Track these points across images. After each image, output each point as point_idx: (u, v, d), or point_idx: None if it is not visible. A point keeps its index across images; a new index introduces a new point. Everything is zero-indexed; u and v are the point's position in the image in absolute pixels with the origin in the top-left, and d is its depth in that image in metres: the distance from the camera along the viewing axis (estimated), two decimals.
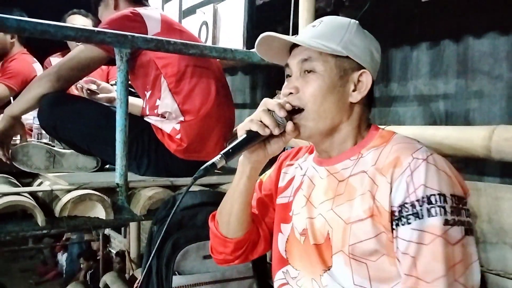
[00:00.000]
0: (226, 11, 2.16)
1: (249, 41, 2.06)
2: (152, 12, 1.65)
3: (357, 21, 0.94)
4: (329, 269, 0.87)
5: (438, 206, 0.76)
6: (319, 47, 0.87)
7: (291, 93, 0.90)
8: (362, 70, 0.90)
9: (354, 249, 0.82)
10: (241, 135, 0.87)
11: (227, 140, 1.78)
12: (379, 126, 0.96)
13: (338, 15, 2.07)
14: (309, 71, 0.89)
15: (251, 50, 1.90)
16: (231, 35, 2.13)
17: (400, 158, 0.81)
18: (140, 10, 1.62)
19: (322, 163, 0.96)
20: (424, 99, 1.97)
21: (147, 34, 1.55)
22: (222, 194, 1.45)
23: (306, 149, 1.07)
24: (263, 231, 1.07)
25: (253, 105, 2.97)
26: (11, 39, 2.89)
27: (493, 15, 1.68)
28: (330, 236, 0.87)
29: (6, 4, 2.57)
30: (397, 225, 0.79)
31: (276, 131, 0.86)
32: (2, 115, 2.15)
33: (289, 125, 0.87)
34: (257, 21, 2.11)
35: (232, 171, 0.96)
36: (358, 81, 0.90)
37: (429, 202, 0.77)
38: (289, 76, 0.94)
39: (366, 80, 0.90)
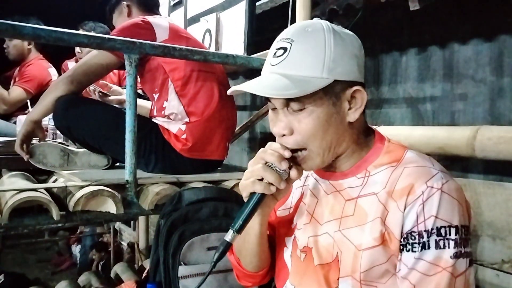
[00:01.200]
0: (228, 20, 2.16)
1: (250, 47, 2.06)
2: (161, 21, 1.65)
3: (330, 25, 0.78)
4: None
5: (447, 239, 0.70)
6: (298, 92, 0.71)
7: (284, 134, 0.77)
8: (354, 88, 0.76)
9: (366, 276, 0.75)
10: (245, 196, 0.78)
11: (229, 140, 1.77)
12: (384, 136, 0.85)
13: (332, 24, 2.07)
14: (297, 110, 0.75)
15: (251, 56, 1.90)
16: (233, 42, 2.13)
17: (414, 186, 0.73)
18: (150, 18, 1.62)
19: (325, 176, 0.86)
20: (413, 101, 1.97)
21: (155, 41, 1.54)
22: (225, 190, 1.46)
23: None
24: (277, 246, 0.99)
25: (253, 107, 2.97)
26: (28, 45, 2.89)
27: (476, 23, 1.68)
28: (339, 259, 0.78)
29: (24, 14, 2.57)
30: (402, 250, 0.73)
31: (281, 186, 0.76)
32: (18, 118, 2.16)
33: (293, 173, 0.77)
34: (257, 29, 2.11)
35: (234, 169, 0.95)
36: (352, 97, 0.77)
37: (439, 234, 0.70)
38: (274, 109, 0.80)
39: (360, 96, 0.77)
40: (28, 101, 2.70)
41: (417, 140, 1.48)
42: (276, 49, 0.78)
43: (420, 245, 0.71)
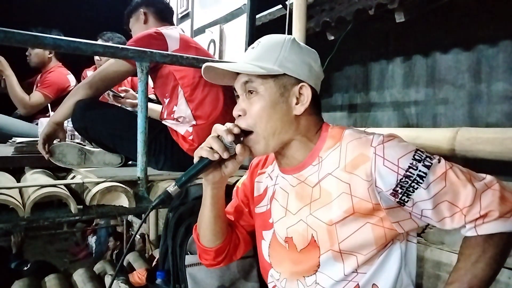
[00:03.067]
0: (231, 31, 2.16)
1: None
2: (172, 32, 1.63)
3: (292, 37, 0.86)
4: (316, 271, 0.83)
5: (426, 157, 0.75)
6: (254, 70, 0.80)
7: (240, 115, 0.84)
8: (301, 84, 0.82)
9: (344, 246, 0.78)
10: (195, 160, 0.82)
11: None
12: (329, 124, 0.88)
13: (325, 34, 2.07)
14: (251, 92, 0.82)
15: None
16: (235, 51, 2.13)
17: (363, 153, 0.76)
18: (163, 30, 1.61)
19: (289, 172, 0.88)
20: (398, 105, 1.97)
21: (167, 51, 1.53)
22: (227, 186, 1.45)
23: (274, 157, 0.96)
24: (241, 234, 1.01)
25: None
26: (49, 54, 2.88)
27: (457, 33, 1.69)
28: (316, 239, 0.81)
29: (47, 26, 2.58)
30: (408, 196, 0.74)
31: (225, 155, 0.80)
32: (40, 120, 2.16)
33: (238, 148, 0.80)
34: (257, 39, 2.11)
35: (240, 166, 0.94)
36: (300, 94, 0.82)
37: (418, 160, 0.74)
38: (237, 97, 0.87)
39: (306, 92, 0.82)
40: (49, 105, 2.69)
41: None
42: (249, 48, 0.88)
43: (417, 179, 0.74)
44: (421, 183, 0.73)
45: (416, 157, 0.75)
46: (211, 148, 0.80)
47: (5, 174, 1.54)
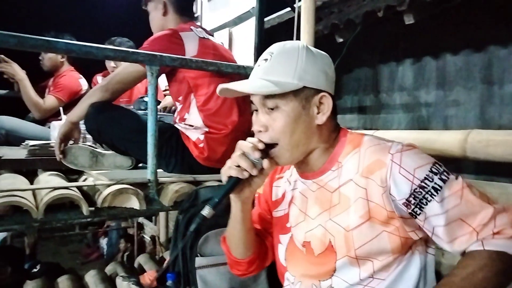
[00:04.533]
0: (239, 34, 2.17)
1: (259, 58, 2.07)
2: (192, 37, 1.58)
3: (305, 45, 0.84)
4: (332, 275, 0.82)
5: (442, 171, 0.74)
6: (273, 90, 0.78)
7: (260, 130, 0.83)
8: (321, 94, 0.82)
9: (360, 252, 0.78)
10: (224, 180, 0.82)
11: None
12: (348, 130, 0.89)
13: (334, 37, 2.07)
14: (272, 108, 0.81)
15: None
16: (244, 54, 2.14)
17: (380, 159, 0.76)
18: (183, 35, 1.56)
19: (308, 177, 0.89)
20: (408, 107, 1.95)
21: (184, 56, 1.51)
22: None
23: None
24: (269, 241, 1.01)
25: None
26: (61, 58, 2.92)
27: (467, 34, 1.67)
28: (333, 244, 0.81)
29: (59, 31, 2.62)
30: (420, 208, 0.73)
31: (254, 172, 0.80)
32: (52, 123, 2.18)
33: (265, 163, 0.80)
34: (265, 42, 2.12)
35: None
36: (320, 103, 0.82)
37: (435, 173, 0.73)
38: (256, 110, 0.85)
39: (327, 102, 0.82)
40: (61, 108, 2.73)
41: (413, 143, 1.47)
42: (260, 60, 0.86)
43: (432, 191, 0.73)
44: (435, 195, 0.73)
45: (433, 170, 0.74)
46: (238, 166, 0.80)
47: (19, 177, 1.56)
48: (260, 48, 2.06)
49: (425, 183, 0.73)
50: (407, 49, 1.95)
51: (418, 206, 0.74)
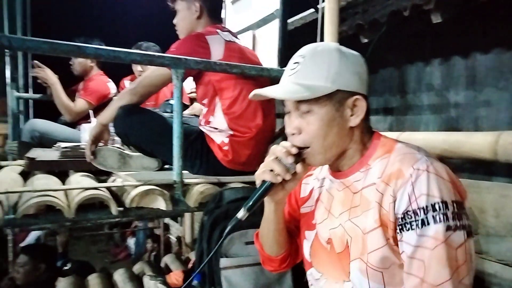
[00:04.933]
0: (263, 36, 2.18)
1: (283, 60, 2.07)
2: (218, 42, 1.59)
3: (337, 46, 0.84)
4: (349, 278, 0.82)
5: (442, 214, 0.70)
6: (307, 95, 0.78)
7: (293, 133, 0.83)
8: (355, 97, 0.81)
9: (372, 259, 0.77)
10: (258, 183, 0.83)
11: (267, 152, 1.75)
12: (381, 133, 0.88)
13: (359, 38, 2.04)
14: (305, 112, 0.81)
15: (284, 68, 1.90)
16: (267, 56, 2.14)
17: (402, 170, 0.75)
18: (210, 38, 1.58)
19: (337, 176, 0.89)
20: (437, 108, 1.91)
21: (210, 59, 1.52)
22: None
23: None
24: (299, 239, 1.02)
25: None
26: (91, 63, 3.01)
27: (498, 33, 1.61)
28: (349, 244, 0.82)
29: (89, 36, 2.71)
30: (401, 230, 0.74)
31: (287, 177, 0.81)
32: (82, 126, 2.26)
33: (299, 167, 0.82)
34: (289, 44, 2.12)
35: None
36: (354, 105, 0.81)
37: (434, 210, 0.71)
38: (288, 112, 0.86)
39: (361, 104, 0.82)
40: (91, 111, 2.82)
41: (441, 145, 1.43)
42: (292, 63, 0.85)
43: (419, 222, 0.72)
44: (419, 228, 0.72)
45: (436, 206, 0.71)
46: (272, 170, 0.81)
47: (52, 177, 1.63)
48: (283, 50, 2.06)
49: (419, 212, 0.72)
50: (435, 49, 1.90)
51: (400, 226, 0.74)
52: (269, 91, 0.83)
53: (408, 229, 0.73)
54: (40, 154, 1.97)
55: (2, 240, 3.21)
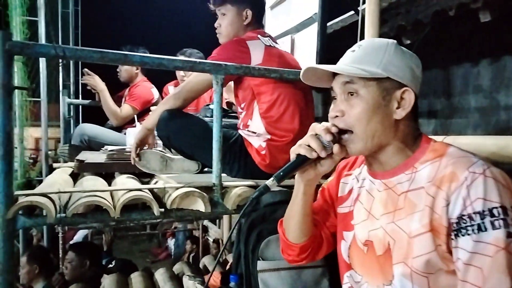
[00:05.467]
0: (302, 40, 2.17)
1: (321, 64, 2.05)
2: (258, 46, 1.61)
3: (395, 41, 0.84)
4: (391, 283, 0.80)
5: (501, 219, 0.67)
6: (358, 72, 0.79)
7: (337, 116, 0.83)
8: (404, 88, 0.81)
9: (417, 264, 0.75)
10: (292, 157, 0.83)
11: None
12: (431, 137, 0.86)
13: (401, 39, 1.99)
14: (352, 94, 0.81)
15: None
16: (306, 60, 2.13)
17: (456, 173, 0.73)
18: (250, 43, 1.60)
19: (377, 176, 0.87)
20: (485, 111, 1.81)
21: (250, 64, 1.55)
22: None
23: (362, 160, 0.96)
24: (325, 234, 1.01)
25: (325, 118, 2.93)
26: (136, 70, 3.15)
27: None
28: (391, 247, 0.80)
29: (134, 44, 2.84)
30: (456, 235, 0.71)
31: (323, 154, 0.81)
32: (128, 130, 2.36)
33: (336, 147, 0.81)
34: (328, 47, 2.10)
35: None
36: (401, 98, 0.81)
37: (492, 215, 0.68)
38: (334, 98, 0.86)
39: (409, 97, 0.81)
40: (135, 116, 2.94)
41: (490, 149, 1.36)
42: (348, 51, 0.87)
43: (475, 227, 0.69)
44: (475, 233, 0.69)
45: (494, 211, 0.68)
46: (309, 146, 0.81)
47: (99, 179, 1.71)
48: (322, 53, 2.05)
49: (475, 217, 0.69)
50: (483, 49, 1.82)
51: (455, 231, 0.71)
52: (321, 66, 0.84)
53: (464, 235, 0.70)
54: (88, 156, 2.08)
55: (53, 238, 3.42)
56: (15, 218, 1.16)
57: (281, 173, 0.81)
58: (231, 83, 1.81)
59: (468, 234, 0.69)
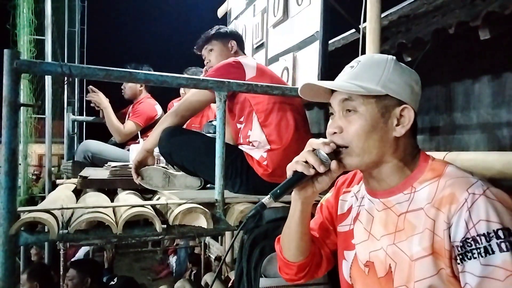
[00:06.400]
0: (303, 58, 2.20)
1: (323, 80, 2.06)
2: (249, 61, 1.76)
3: (394, 57, 0.84)
4: None
5: (508, 241, 0.66)
6: (356, 90, 0.78)
7: (335, 132, 0.82)
8: (403, 106, 0.80)
9: (418, 286, 0.73)
10: (289, 175, 0.81)
11: None
12: (429, 154, 0.85)
13: (402, 56, 2.01)
14: (350, 111, 0.80)
15: None
16: (308, 77, 2.16)
17: (455, 194, 0.71)
18: (241, 59, 1.74)
19: (376, 195, 0.86)
20: (487, 127, 1.82)
21: (245, 79, 1.65)
22: None
23: (361, 177, 0.94)
24: (325, 252, 0.99)
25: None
26: (140, 87, 3.20)
27: None
28: (392, 270, 0.78)
29: (139, 62, 2.89)
30: (462, 259, 0.69)
31: (321, 169, 0.78)
32: (131, 146, 2.38)
33: (334, 164, 0.79)
34: (329, 64, 2.12)
35: None
36: (401, 115, 0.80)
37: (498, 237, 0.66)
38: (332, 114, 0.85)
39: (408, 114, 0.80)
40: (139, 132, 2.96)
41: (493, 165, 1.35)
42: (347, 67, 0.86)
43: (481, 250, 0.67)
44: (482, 256, 0.67)
45: (500, 233, 0.67)
46: (306, 162, 0.79)
47: (102, 195, 1.71)
48: (324, 70, 2.07)
49: (480, 239, 0.68)
50: (484, 65, 1.83)
51: (461, 256, 0.69)
52: (320, 82, 0.83)
53: (470, 258, 0.68)
54: (91, 173, 2.09)
55: (55, 255, 3.39)
56: (18, 235, 1.16)
57: (278, 191, 0.79)
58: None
59: (475, 258, 0.68)
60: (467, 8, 1.74)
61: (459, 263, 0.70)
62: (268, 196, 0.79)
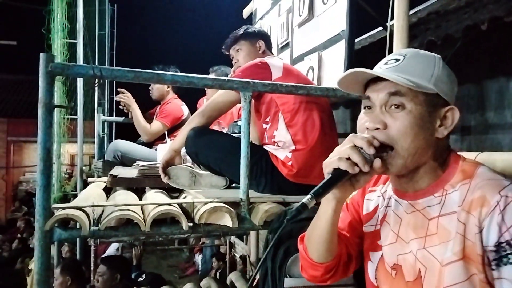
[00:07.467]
0: (329, 57, 2.18)
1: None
2: (276, 61, 1.75)
3: (440, 56, 0.81)
4: None
5: None
6: (412, 85, 0.73)
7: (377, 128, 0.76)
8: (449, 107, 0.77)
9: None
10: (328, 172, 0.75)
11: None
12: (460, 154, 0.81)
13: None
14: (397, 106, 0.75)
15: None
16: (333, 77, 2.13)
17: (486, 197, 0.69)
18: (268, 59, 1.74)
19: (405, 197, 0.82)
20: None
21: (271, 79, 1.65)
22: None
23: (387, 176, 0.90)
24: (354, 251, 0.94)
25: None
26: (167, 88, 3.26)
27: None
28: (422, 275, 0.75)
29: (166, 63, 2.96)
30: (497, 265, 0.66)
31: (366, 168, 0.73)
32: (158, 146, 2.43)
33: (377, 162, 0.74)
34: (356, 63, 2.09)
35: None
36: (444, 117, 0.77)
37: None
38: (368, 107, 0.80)
39: (452, 116, 0.77)
40: (166, 132, 3.02)
41: None
42: (390, 59, 0.81)
43: None
44: None
45: None
46: (348, 159, 0.74)
47: (130, 193, 1.76)
48: (349, 69, 2.04)
49: None
50: None
51: (496, 261, 0.66)
52: (370, 70, 0.78)
53: (506, 263, 0.65)
54: (121, 172, 2.15)
55: (86, 251, 3.52)
56: (52, 231, 1.21)
57: (320, 190, 0.73)
58: None
59: (511, 263, 0.65)
60: (501, 3, 1.68)
61: (493, 269, 0.67)
62: (309, 195, 0.74)
